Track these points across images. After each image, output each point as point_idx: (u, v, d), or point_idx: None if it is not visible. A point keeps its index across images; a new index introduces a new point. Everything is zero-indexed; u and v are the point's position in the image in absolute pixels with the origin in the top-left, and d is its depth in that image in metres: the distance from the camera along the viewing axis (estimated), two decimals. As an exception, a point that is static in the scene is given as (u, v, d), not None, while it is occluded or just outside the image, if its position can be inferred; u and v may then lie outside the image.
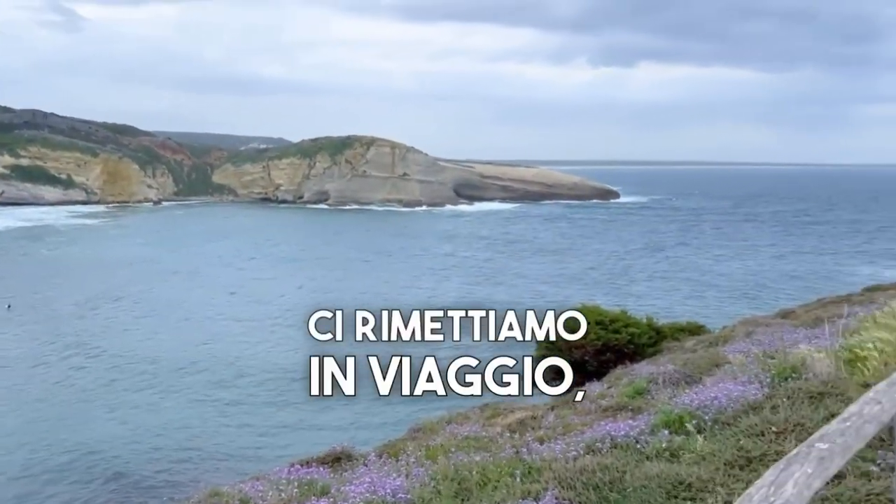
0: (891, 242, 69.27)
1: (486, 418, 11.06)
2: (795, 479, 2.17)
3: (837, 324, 12.19)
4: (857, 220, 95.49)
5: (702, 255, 64.81)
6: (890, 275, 39.36)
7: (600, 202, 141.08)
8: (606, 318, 19.49)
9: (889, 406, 3.01)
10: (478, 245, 72.74)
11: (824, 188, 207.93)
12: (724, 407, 6.66)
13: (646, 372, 10.89)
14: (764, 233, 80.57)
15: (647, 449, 6.06)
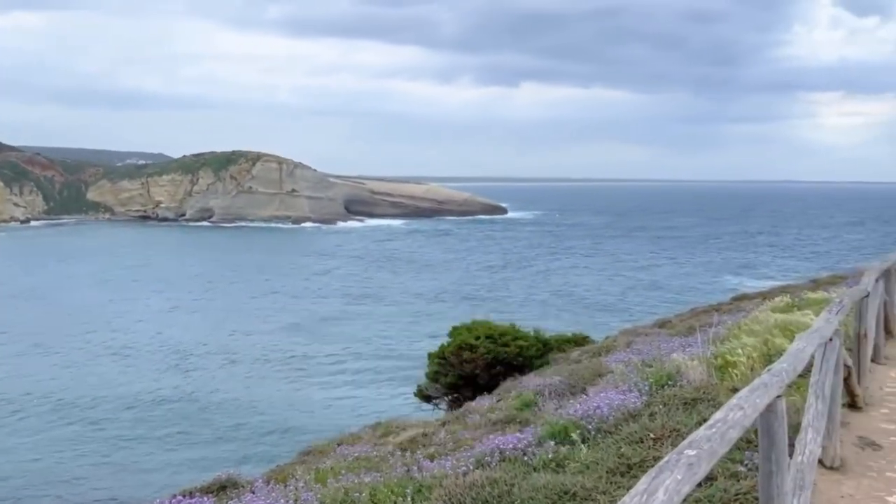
0: (756, 253, 74.24)
1: (378, 437, 10.97)
2: (666, 486, 2.27)
3: (709, 332, 12.91)
4: (725, 233, 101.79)
5: (582, 268, 67.11)
6: (755, 284, 42.12)
7: (489, 218, 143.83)
8: (496, 332, 19.82)
9: (751, 411, 3.20)
10: (365, 261, 72.12)
11: (696, 203, 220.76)
12: (607, 416, 6.89)
13: (533, 384, 11.13)
14: (640, 246, 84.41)
15: (535, 461, 6.18)
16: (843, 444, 5.90)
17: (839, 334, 5.60)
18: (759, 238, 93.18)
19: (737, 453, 5.47)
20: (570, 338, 22.86)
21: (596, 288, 54.49)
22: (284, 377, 33.55)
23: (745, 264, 65.98)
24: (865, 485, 5.28)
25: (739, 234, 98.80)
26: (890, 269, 11.05)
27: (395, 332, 41.81)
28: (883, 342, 9.29)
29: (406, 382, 26.66)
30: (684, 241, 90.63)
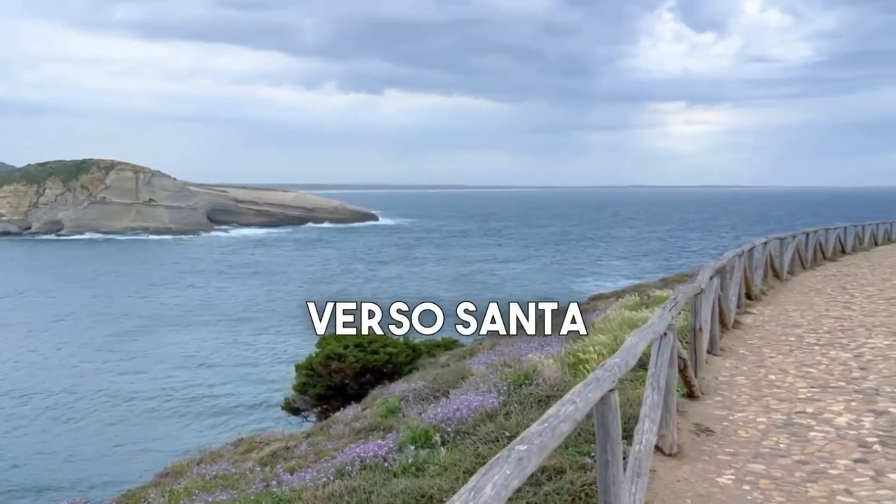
0: (612, 255, 78.28)
1: (240, 453, 10.64)
2: (494, 482, 2.36)
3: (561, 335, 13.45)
4: (583, 236, 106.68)
5: (449, 271, 68.20)
6: (611, 284, 44.39)
7: (361, 225, 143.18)
8: (365, 340, 19.72)
9: (583, 405, 3.38)
10: (223, 273, 69.27)
11: (557, 208, 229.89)
12: (466, 417, 7.04)
13: (399, 390, 11.18)
14: (505, 249, 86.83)
15: (395, 466, 6.22)
16: (681, 432, 6.34)
17: (673, 329, 6.01)
18: (613, 240, 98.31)
19: (585, 446, 5.75)
20: (440, 342, 23.13)
21: (464, 291, 55.55)
22: (127, 405, 30.87)
23: (601, 265, 69.39)
24: (699, 468, 5.69)
25: (597, 237, 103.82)
26: (725, 266, 11.97)
27: (258, 344, 40.50)
28: (718, 335, 10.04)
29: (272, 397, 25.99)
30: (546, 244, 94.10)
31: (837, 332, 11.27)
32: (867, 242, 28.48)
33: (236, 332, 43.29)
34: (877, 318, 12.53)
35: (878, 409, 7.08)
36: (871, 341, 10.50)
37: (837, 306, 13.94)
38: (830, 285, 17.12)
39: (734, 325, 11.74)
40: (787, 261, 18.46)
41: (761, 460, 5.78)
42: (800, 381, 8.31)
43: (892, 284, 16.91)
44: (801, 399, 7.54)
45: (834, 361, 9.26)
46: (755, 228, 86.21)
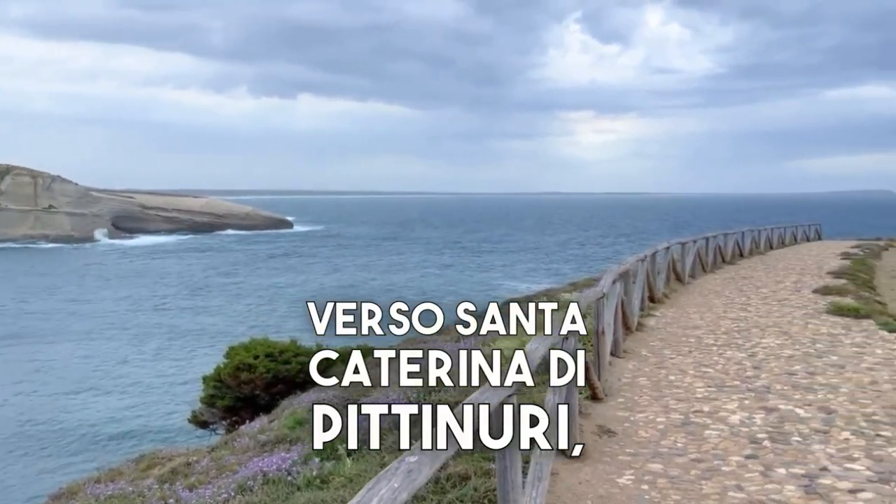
0: (525, 259, 79.56)
1: (140, 470, 10.21)
2: (381, 496, 2.32)
3: (479, 336, 13.54)
4: (498, 241, 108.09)
5: (367, 277, 67.78)
6: (524, 287, 45.10)
7: (274, 232, 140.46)
8: (276, 349, 19.30)
9: (482, 411, 3.39)
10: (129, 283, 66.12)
11: (473, 213, 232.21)
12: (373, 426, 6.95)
13: (309, 400, 10.98)
14: (420, 255, 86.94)
15: (299, 479, 6.08)
16: (584, 434, 6.46)
17: (574, 333, 6.12)
18: (529, 245, 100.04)
19: (489, 451, 5.78)
20: (358, 349, 22.92)
21: (381, 295, 55.30)
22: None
23: (515, 269, 70.46)
24: (601, 469, 5.81)
25: (512, 242, 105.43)
26: (628, 270, 12.33)
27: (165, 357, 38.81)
28: (622, 338, 10.32)
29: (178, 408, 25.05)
30: (463, 249, 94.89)
31: (734, 333, 11.79)
32: (763, 246, 29.96)
33: (127, 344, 41.05)
34: (770, 318, 13.18)
35: (768, 407, 7.42)
36: (764, 341, 11.03)
37: (735, 308, 14.58)
38: (729, 288, 17.90)
39: (638, 327, 12.10)
40: (688, 264, 19.20)
41: (660, 460, 5.96)
42: (698, 381, 8.63)
43: (784, 286, 17.84)
44: (698, 399, 7.83)
45: (730, 361, 9.67)
46: (662, 233, 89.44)
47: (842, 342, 10.81)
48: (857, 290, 17.05)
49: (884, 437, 6.36)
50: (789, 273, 20.94)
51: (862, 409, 7.22)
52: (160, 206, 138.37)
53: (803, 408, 7.34)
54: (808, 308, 14.24)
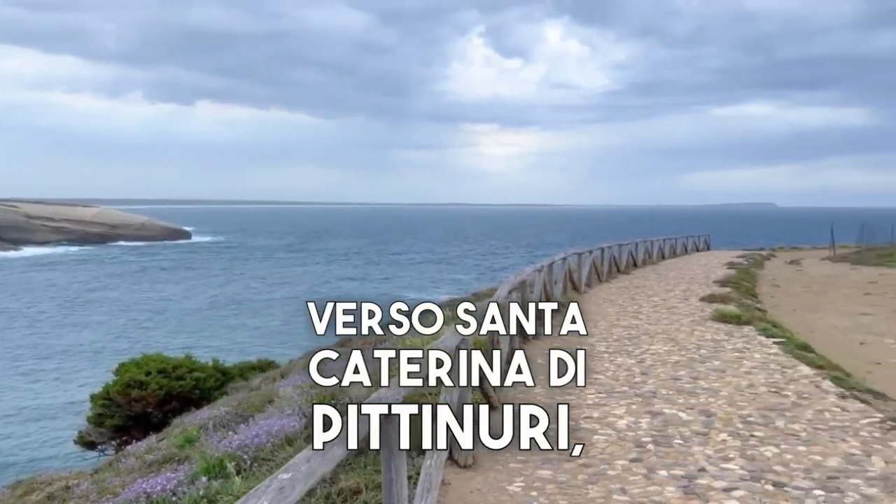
0: (429, 270, 79.93)
1: (17, 497, 9.58)
2: (248, 516, 2.26)
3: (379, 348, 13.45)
4: (404, 251, 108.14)
5: (279, 287, 66.37)
6: (428, 298, 45.28)
7: (173, 243, 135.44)
8: (169, 365, 18.61)
9: (362, 425, 3.36)
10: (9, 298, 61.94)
11: (378, 224, 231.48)
12: (265, 443, 6.80)
13: (201, 418, 10.62)
14: (322, 266, 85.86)
15: (185, 500, 5.87)
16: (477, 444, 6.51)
17: (467, 344, 6.18)
18: (435, 255, 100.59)
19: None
20: (255, 364, 22.34)
21: (282, 306, 54.16)
22: None
23: (422, 280, 70.68)
24: (492, 478, 5.87)
25: (415, 253, 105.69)
26: (525, 280, 12.59)
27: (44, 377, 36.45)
28: (518, 346, 10.50)
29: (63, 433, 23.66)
30: (366, 260, 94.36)
31: (625, 340, 12.21)
32: (656, 257, 31.25)
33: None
34: (659, 325, 13.74)
35: (654, 411, 7.72)
36: (653, 348, 11.48)
37: (627, 316, 15.12)
38: (622, 296, 18.55)
39: (534, 336, 12.34)
40: (584, 274, 19.78)
41: (549, 466, 6.08)
42: (589, 387, 8.88)
43: (674, 295, 18.64)
44: (588, 405, 8.05)
45: (620, 368, 10.01)
46: (563, 244, 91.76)
47: (724, 348, 11.38)
48: (740, 297, 18.02)
49: (757, 437, 6.73)
50: (679, 282, 21.91)
51: (739, 412, 7.61)
52: (48, 215, 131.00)
53: (686, 411, 7.67)
54: (695, 315, 14.93)
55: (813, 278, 26.50)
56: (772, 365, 10.00)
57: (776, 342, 11.80)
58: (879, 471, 5.78)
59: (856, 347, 13.39)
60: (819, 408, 7.74)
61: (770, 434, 6.81)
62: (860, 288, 23.11)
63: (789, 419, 7.30)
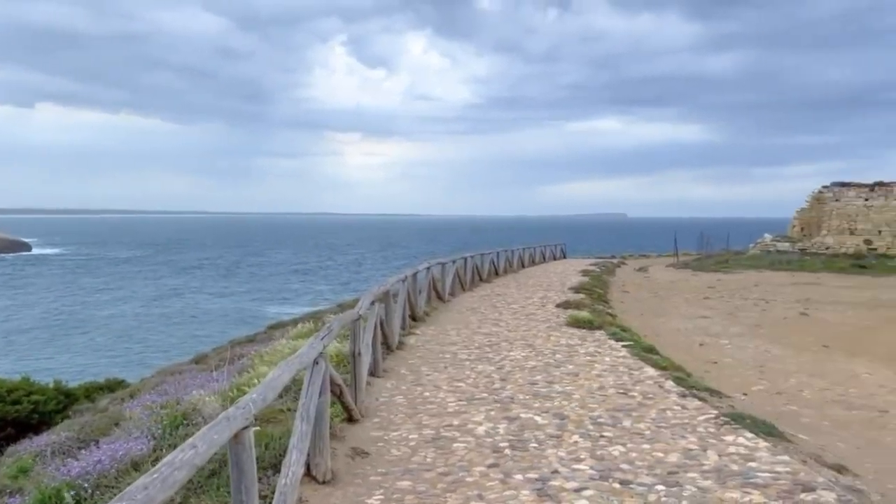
0: (294, 282, 78.25)
1: None
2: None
3: (237, 364, 13.02)
4: (266, 263, 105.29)
5: (117, 303, 62.56)
6: (293, 311, 44.32)
7: (11, 256, 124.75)
8: (3, 388, 17.11)
9: (206, 448, 3.22)
10: None
11: (239, 234, 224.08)
12: (108, 469, 6.39)
13: (38, 444, 9.81)
14: (181, 279, 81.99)
15: (14, 537, 5.38)
16: (337, 458, 6.43)
17: (325, 357, 6.09)
18: (297, 267, 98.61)
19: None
20: (103, 384, 20.95)
21: (137, 325, 51.20)
22: None
23: (284, 292, 69.04)
24: (351, 492, 5.81)
25: (279, 264, 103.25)
26: (388, 291, 12.59)
27: None
28: (381, 357, 10.49)
29: None
30: (227, 272, 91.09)
31: (486, 347, 12.49)
32: (516, 265, 32.24)
33: None
34: (518, 332, 14.16)
35: (511, 416, 7.93)
36: (512, 354, 11.81)
37: (488, 323, 15.48)
38: (484, 305, 18.98)
39: (398, 346, 12.38)
40: (448, 284, 20.08)
41: (409, 476, 6.09)
42: (450, 395, 9.00)
43: (532, 302, 19.30)
44: (449, 413, 8.15)
45: (480, 374, 10.22)
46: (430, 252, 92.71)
47: (578, 352, 11.90)
48: (593, 303, 18.93)
49: (606, 437, 7.06)
50: (537, 289, 22.71)
51: (590, 413, 7.97)
52: None
53: (541, 415, 7.93)
54: (551, 322, 15.52)
55: (659, 284, 28.31)
56: (620, 367, 10.56)
57: (625, 345, 12.47)
58: (713, 464, 6.22)
59: (696, 348, 14.42)
60: (662, 407, 8.24)
61: (618, 434, 7.17)
62: (700, 292, 24.92)
63: (635, 419, 7.73)
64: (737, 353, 13.96)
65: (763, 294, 24.03)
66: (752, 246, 41.50)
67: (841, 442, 8.17)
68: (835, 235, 36.32)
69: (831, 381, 11.51)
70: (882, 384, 11.39)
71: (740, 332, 16.42)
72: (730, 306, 21.13)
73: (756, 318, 18.78)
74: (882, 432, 8.75)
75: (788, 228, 41.81)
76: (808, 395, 10.58)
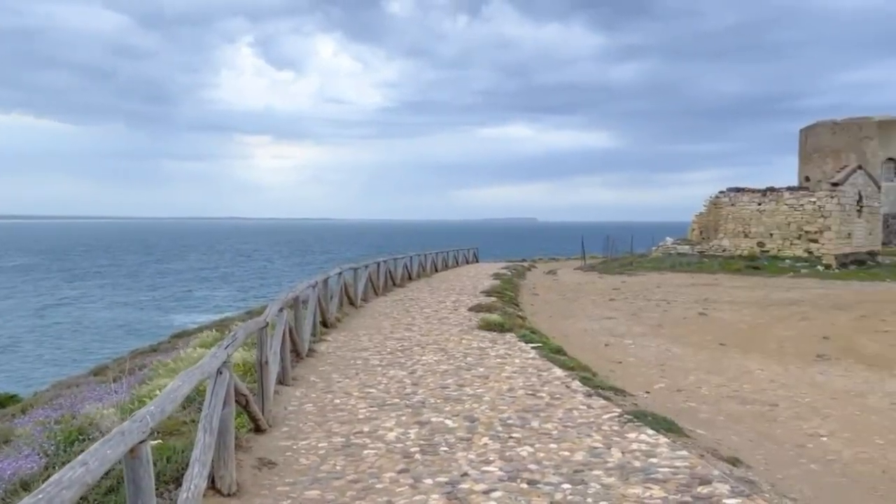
0: (202, 288, 75.92)
1: None
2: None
3: (138, 374, 12.53)
4: (171, 270, 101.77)
5: (12, 314, 59.16)
6: (199, 319, 43.00)
7: None
8: None
9: (97, 465, 3.07)
10: None
11: (142, 240, 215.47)
12: (-6, 491, 6.01)
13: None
14: (79, 288, 78.31)
15: None
16: (243, 469, 6.27)
17: (229, 366, 5.93)
18: (204, 273, 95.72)
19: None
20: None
21: (29, 336, 48.49)
22: None
23: (190, 300, 66.86)
24: (257, 503, 5.67)
25: (185, 270, 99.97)
26: (298, 297, 12.40)
27: None
28: (290, 365, 10.30)
29: None
30: (129, 280, 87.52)
31: (398, 352, 12.47)
32: (430, 269, 32.38)
33: None
34: (430, 336, 14.21)
35: (422, 421, 7.94)
36: (424, 358, 11.84)
37: (401, 328, 15.46)
38: (397, 309, 18.96)
39: (309, 353, 12.20)
40: (360, 289, 19.94)
41: (318, 486, 6.00)
42: (361, 402, 8.93)
43: (445, 306, 19.40)
44: (360, 419, 8.09)
45: (392, 380, 10.19)
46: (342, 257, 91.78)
47: (489, 355, 12.04)
48: (504, 306, 19.21)
49: (515, 438, 7.17)
50: (450, 293, 22.86)
51: (499, 415, 8.07)
52: None
53: (452, 418, 7.98)
54: (463, 325, 15.65)
55: (567, 286, 29.01)
56: (530, 369, 10.75)
57: (534, 347, 12.71)
58: (617, 461, 6.41)
59: (602, 348, 14.85)
60: (569, 406, 8.44)
61: (526, 434, 7.30)
62: (606, 294, 25.70)
63: (543, 419, 7.88)
64: (640, 352, 14.47)
65: (665, 295, 25.00)
66: (655, 249, 43.13)
67: (735, 435, 8.59)
68: (731, 238, 38.18)
69: (727, 378, 12.09)
70: (772, 379, 12.05)
71: (643, 332, 17.02)
72: (634, 307, 21.88)
73: (658, 318, 19.52)
74: (772, 425, 9.25)
75: (688, 232, 43.67)
76: (705, 392, 11.07)
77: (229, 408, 5.81)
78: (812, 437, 8.70)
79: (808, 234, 35.67)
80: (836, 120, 51.75)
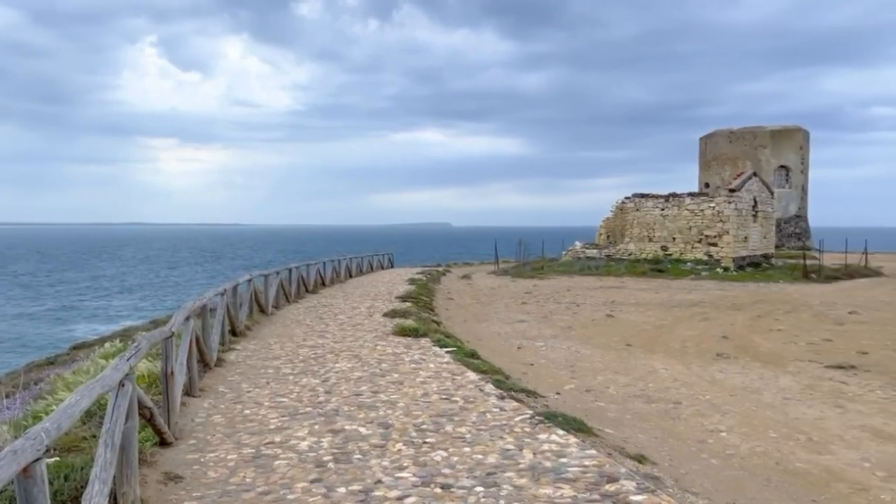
0: (103, 297, 72.72)
1: None
2: None
3: (33, 389, 11.88)
4: (68, 279, 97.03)
5: None
6: (101, 329, 41.18)
7: None
8: None
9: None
10: None
11: (36, 247, 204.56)
12: None
13: None
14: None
15: None
16: (147, 485, 6.04)
17: (132, 378, 5.70)
18: (104, 282, 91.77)
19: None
20: None
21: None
22: None
23: (90, 310, 63.96)
24: (164, 520, 5.48)
25: (84, 279, 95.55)
26: (206, 305, 12.05)
27: None
28: (198, 375, 10.00)
29: None
30: (22, 289, 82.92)
31: (311, 360, 12.29)
32: (343, 275, 32.09)
33: None
34: (344, 343, 14.08)
35: (335, 429, 7.85)
36: (337, 365, 11.71)
37: (314, 335, 15.25)
38: (310, 316, 18.69)
39: (217, 363, 11.87)
40: (271, 295, 19.56)
41: (227, 499, 5.85)
42: (272, 411, 8.75)
43: (359, 312, 19.28)
44: (271, 430, 7.92)
45: (304, 388, 10.03)
46: (252, 264, 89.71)
47: (403, 360, 12.04)
48: (419, 311, 19.25)
49: (429, 443, 7.19)
50: (364, 299, 22.73)
51: (413, 421, 8.08)
52: None
53: (366, 425, 7.93)
54: (378, 331, 15.58)
55: (481, 291, 29.34)
56: (444, 373, 10.81)
57: (448, 351, 12.79)
58: (529, 462, 6.53)
59: (514, 351, 15.09)
60: (482, 409, 8.54)
61: (440, 439, 7.33)
62: (519, 298, 26.14)
63: (457, 423, 7.94)
64: (551, 354, 14.79)
65: (574, 298, 25.65)
66: (565, 253, 44.19)
67: (641, 433, 8.89)
68: (636, 242, 39.55)
69: (633, 377, 12.51)
70: (676, 378, 12.55)
71: (554, 335, 17.41)
72: (545, 310, 22.34)
73: (568, 320, 20.00)
74: (676, 422, 9.63)
75: (596, 236, 44.97)
76: (613, 391, 11.42)
77: (132, 422, 5.58)
78: (712, 433, 9.11)
79: (707, 237, 37.37)
80: (733, 129, 54.50)
